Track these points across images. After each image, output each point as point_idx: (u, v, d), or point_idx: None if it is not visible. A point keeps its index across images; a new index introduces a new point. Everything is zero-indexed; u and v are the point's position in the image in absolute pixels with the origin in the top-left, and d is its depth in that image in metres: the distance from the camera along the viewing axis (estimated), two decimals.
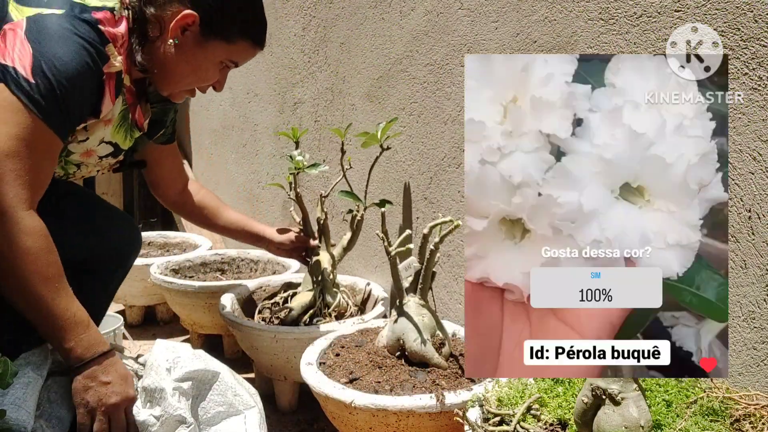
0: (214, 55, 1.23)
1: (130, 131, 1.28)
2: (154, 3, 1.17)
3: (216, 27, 1.20)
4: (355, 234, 1.78)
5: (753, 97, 1.04)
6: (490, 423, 1.01)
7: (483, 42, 1.50)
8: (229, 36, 1.22)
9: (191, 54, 1.21)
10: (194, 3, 1.18)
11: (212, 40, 1.21)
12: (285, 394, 1.73)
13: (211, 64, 1.24)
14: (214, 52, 1.22)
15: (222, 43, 1.22)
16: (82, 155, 1.25)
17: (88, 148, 1.24)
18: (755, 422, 0.94)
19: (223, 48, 1.22)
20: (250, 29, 1.25)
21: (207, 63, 1.23)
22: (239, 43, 1.24)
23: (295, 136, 1.78)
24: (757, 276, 1.06)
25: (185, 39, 1.19)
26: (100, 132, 1.23)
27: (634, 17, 1.19)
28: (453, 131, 1.61)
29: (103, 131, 1.23)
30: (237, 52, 1.25)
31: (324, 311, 1.71)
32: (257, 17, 1.26)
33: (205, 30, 1.19)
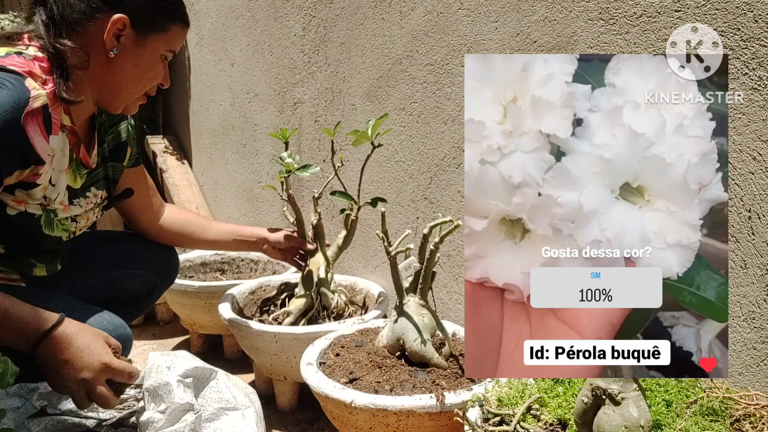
0: (156, 49, 1.20)
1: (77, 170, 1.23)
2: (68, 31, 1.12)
3: (148, 21, 1.16)
4: (350, 233, 1.78)
5: (753, 97, 1.04)
6: (490, 423, 1.01)
7: (483, 42, 1.50)
8: (163, 25, 1.19)
9: (135, 56, 1.17)
10: (114, 5, 1.13)
11: (149, 35, 1.17)
12: (285, 394, 1.73)
13: (156, 59, 1.21)
14: (154, 46, 1.19)
15: (159, 35, 1.19)
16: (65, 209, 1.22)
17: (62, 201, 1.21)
18: (755, 422, 0.94)
19: (161, 39, 1.20)
20: (176, 11, 1.22)
21: (152, 60, 1.20)
22: (173, 29, 1.21)
23: (284, 137, 1.76)
24: (757, 276, 1.06)
25: (123, 45, 1.15)
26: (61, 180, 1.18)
27: (634, 17, 1.19)
28: (453, 131, 1.61)
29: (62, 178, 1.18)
30: (173, 39, 1.22)
31: (322, 313, 1.70)
32: None
33: (139, 28, 1.16)
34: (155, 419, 0.98)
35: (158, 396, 1.00)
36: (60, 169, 1.17)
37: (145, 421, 0.98)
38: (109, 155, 1.36)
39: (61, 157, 1.16)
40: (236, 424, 1.02)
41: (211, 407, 1.04)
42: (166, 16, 1.19)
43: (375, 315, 1.66)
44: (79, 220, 1.28)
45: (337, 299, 1.73)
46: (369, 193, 1.92)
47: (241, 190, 2.72)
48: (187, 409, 0.99)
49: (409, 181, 1.78)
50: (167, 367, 1.03)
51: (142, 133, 3.21)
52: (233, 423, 1.03)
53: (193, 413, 0.99)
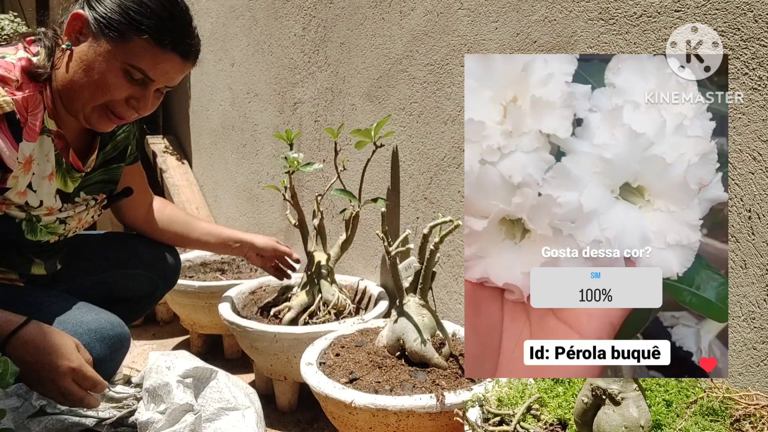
0: (110, 59, 1.07)
1: (67, 176, 1.22)
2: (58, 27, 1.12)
3: (104, 23, 1.07)
4: (352, 232, 1.78)
5: (753, 97, 1.04)
6: (490, 423, 1.01)
7: (483, 42, 1.50)
8: (120, 32, 1.07)
9: (86, 59, 1.08)
10: (87, 4, 1.10)
11: (103, 39, 1.07)
12: (285, 394, 1.73)
13: (110, 70, 1.08)
14: (108, 55, 1.07)
15: (115, 42, 1.07)
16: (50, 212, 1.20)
17: (49, 206, 1.19)
18: (755, 422, 0.94)
19: (117, 49, 1.07)
20: (147, 22, 1.07)
21: (104, 68, 1.08)
22: (136, 42, 1.07)
23: (289, 139, 1.80)
24: (757, 276, 1.06)
25: (80, 45, 1.09)
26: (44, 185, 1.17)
27: (634, 17, 1.19)
28: (453, 131, 1.61)
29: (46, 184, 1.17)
30: (135, 53, 1.08)
31: (323, 309, 1.71)
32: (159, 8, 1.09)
33: (96, 29, 1.07)
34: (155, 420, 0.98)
35: (158, 396, 1.00)
36: (42, 175, 1.15)
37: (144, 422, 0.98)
38: (114, 158, 1.36)
39: (44, 162, 1.14)
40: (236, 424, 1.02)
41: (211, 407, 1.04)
42: (130, 23, 1.07)
43: (375, 315, 1.66)
44: (69, 222, 1.27)
45: (338, 295, 1.73)
46: (369, 193, 1.92)
47: (241, 190, 2.72)
48: (187, 409, 0.99)
49: (409, 181, 1.78)
50: (167, 367, 1.03)
51: (142, 133, 3.21)
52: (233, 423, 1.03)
53: (193, 414, 0.99)
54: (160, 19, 1.09)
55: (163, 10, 1.10)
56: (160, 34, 1.09)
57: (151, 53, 1.09)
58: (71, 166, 1.22)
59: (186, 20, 1.14)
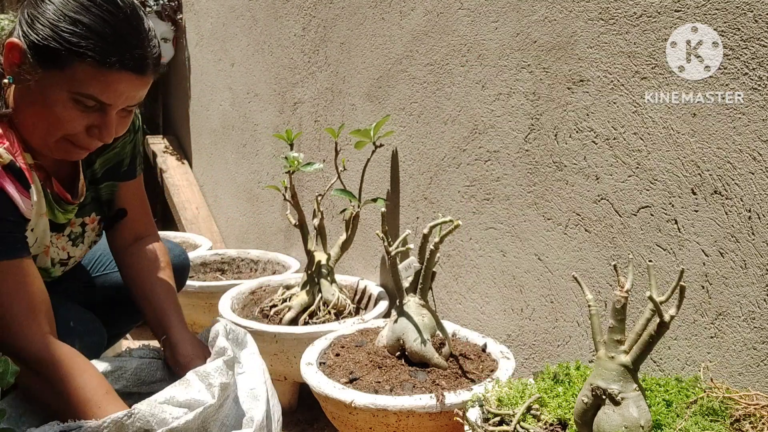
0: (54, 92, 0.96)
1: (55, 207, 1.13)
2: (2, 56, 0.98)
3: (41, 53, 0.94)
4: (352, 232, 1.79)
5: (753, 97, 1.04)
6: (490, 423, 1.01)
7: (483, 42, 1.50)
8: (58, 60, 0.94)
9: (31, 93, 0.97)
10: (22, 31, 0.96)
11: (44, 71, 0.95)
12: (285, 394, 1.73)
13: (58, 102, 0.96)
14: (52, 88, 0.95)
15: (55, 71, 0.95)
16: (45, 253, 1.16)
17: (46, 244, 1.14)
18: (755, 422, 0.94)
19: (60, 79, 0.95)
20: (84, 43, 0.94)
21: (51, 101, 0.96)
22: (76, 67, 0.94)
23: (289, 139, 1.80)
24: (757, 276, 1.06)
25: (23, 79, 0.97)
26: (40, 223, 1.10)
27: (634, 17, 1.19)
28: (453, 131, 1.61)
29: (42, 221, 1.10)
30: (78, 80, 0.95)
31: (323, 309, 1.71)
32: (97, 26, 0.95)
33: (33, 59, 0.95)
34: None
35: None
36: (40, 213, 1.08)
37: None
38: (103, 176, 1.24)
39: (40, 201, 1.07)
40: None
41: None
42: (67, 49, 0.93)
43: (375, 315, 1.66)
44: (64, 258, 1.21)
45: (338, 295, 1.74)
46: (369, 193, 1.92)
47: (241, 190, 2.72)
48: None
49: (409, 181, 1.78)
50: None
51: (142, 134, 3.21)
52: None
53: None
54: (101, 37, 0.95)
55: (103, 25, 0.95)
56: (103, 54, 0.94)
57: (97, 77, 0.95)
58: (59, 196, 1.13)
59: (133, 30, 0.98)
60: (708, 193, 1.11)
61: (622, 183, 1.24)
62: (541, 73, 1.37)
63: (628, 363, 0.86)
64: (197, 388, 0.98)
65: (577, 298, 1.36)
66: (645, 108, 1.19)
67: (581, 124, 1.30)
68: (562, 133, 1.34)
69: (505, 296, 1.52)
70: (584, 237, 1.32)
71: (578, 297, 1.36)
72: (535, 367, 1.47)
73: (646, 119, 1.19)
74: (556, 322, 1.40)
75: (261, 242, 2.57)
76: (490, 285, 1.56)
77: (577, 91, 1.30)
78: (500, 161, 1.49)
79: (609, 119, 1.25)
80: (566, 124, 1.33)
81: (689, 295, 1.15)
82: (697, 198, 1.13)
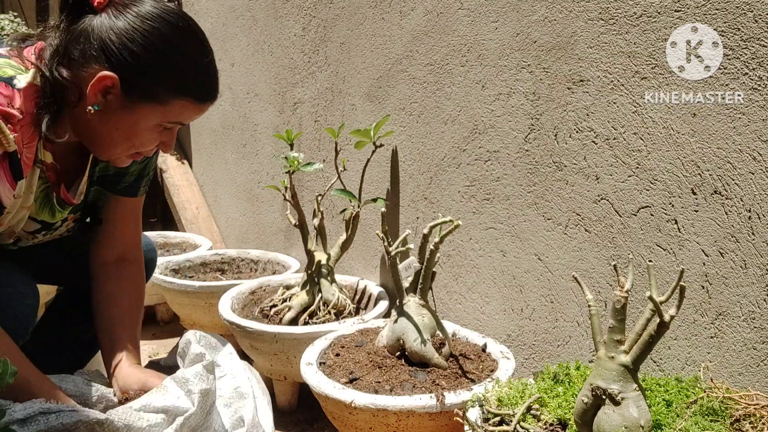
0: (147, 120, 1.04)
1: (56, 209, 1.16)
2: (68, 65, 1.01)
3: (140, 88, 1.01)
4: (352, 232, 1.79)
5: (753, 97, 1.04)
6: (490, 423, 1.01)
7: (483, 42, 1.50)
8: (158, 96, 1.02)
9: (120, 120, 1.03)
10: (112, 62, 0.99)
11: (140, 102, 1.02)
12: (285, 394, 1.73)
13: (145, 129, 1.05)
14: (145, 117, 1.03)
15: (152, 104, 1.02)
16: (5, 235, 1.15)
17: (10, 228, 1.13)
18: (755, 422, 0.94)
19: (154, 110, 1.03)
20: (186, 85, 1.04)
21: (139, 128, 1.04)
22: (174, 103, 1.04)
23: (289, 139, 1.81)
24: (757, 276, 1.06)
25: (109, 104, 1.01)
26: (19, 214, 1.11)
27: (634, 17, 1.19)
28: (453, 131, 1.61)
29: (22, 213, 1.11)
30: (174, 113, 1.05)
31: (323, 309, 1.71)
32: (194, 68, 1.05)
33: (128, 93, 1.00)
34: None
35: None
36: (24, 206, 1.09)
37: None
38: (98, 180, 1.25)
39: (28, 195, 1.08)
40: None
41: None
42: (168, 88, 1.02)
43: (375, 315, 1.66)
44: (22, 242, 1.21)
45: (338, 295, 1.74)
46: (369, 193, 1.92)
47: (241, 190, 2.72)
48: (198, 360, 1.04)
49: (409, 181, 1.78)
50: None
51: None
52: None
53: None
54: (200, 82, 1.06)
55: (203, 73, 1.06)
56: (200, 94, 1.07)
57: (191, 110, 1.07)
58: (63, 201, 1.16)
59: (215, 70, 1.10)
60: (708, 193, 1.11)
61: (622, 183, 1.24)
62: (541, 73, 1.37)
63: (628, 363, 0.86)
64: (175, 395, 0.95)
65: (577, 298, 1.36)
66: (645, 108, 1.19)
67: (581, 124, 1.30)
68: (562, 133, 1.34)
69: (505, 296, 1.52)
70: (584, 237, 1.32)
71: (578, 297, 1.36)
72: (535, 367, 1.47)
73: (646, 119, 1.19)
74: (556, 322, 1.40)
75: (261, 242, 2.57)
76: (490, 285, 1.56)
77: (577, 91, 1.30)
78: (500, 161, 1.49)
79: (609, 119, 1.25)
80: (566, 124, 1.33)
81: (689, 295, 1.15)
82: (697, 198, 1.13)
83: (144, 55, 0.99)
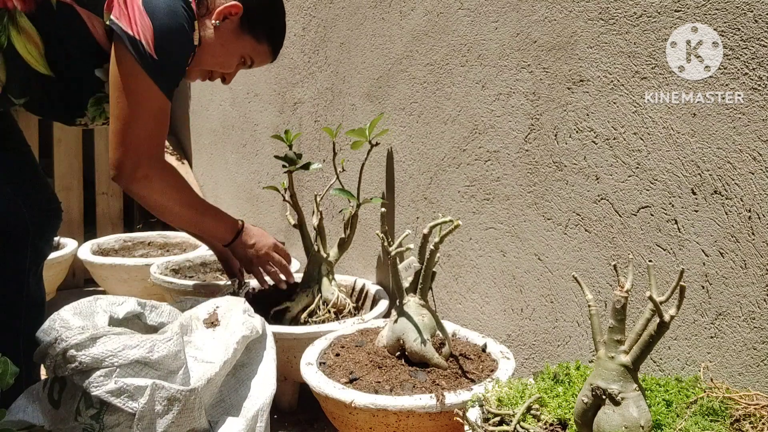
0: (243, 48, 1.37)
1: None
2: None
3: (253, 24, 1.35)
4: (351, 231, 1.79)
5: (753, 97, 1.04)
6: (490, 423, 1.01)
7: (483, 42, 1.50)
8: (259, 36, 1.38)
9: (226, 40, 1.34)
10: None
11: (246, 34, 1.36)
12: (285, 394, 1.73)
13: (237, 55, 1.38)
14: (243, 45, 1.37)
15: (252, 40, 1.37)
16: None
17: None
18: (755, 422, 0.94)
19: (251, 44, 1.38)
20: (277, 37, 1.43)
21: (234, 53, 1.37)
22: (264, 46, 1.40)
23: (288, 140, 1.81)
24: (757, 276, 1.06)
25: (224, 25, 1.32)
26: None
27: (634, 17, 1.19)
28: (453, 131, 1.61)
29: None
30: (259, 53, 1.41)
31: (322, 308, 1.71)
32: (283, 30, 1.44)
33: (243, 23, 1.34)
34: None
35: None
36: None
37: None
38: None
39: None
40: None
41: None
42: (268, 33, 1.40)
43: (375, 315, 1.66)
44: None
45: (338, 295, 1.74)
46: (369, 192, 1.93)
47: (241, 191, 2.72)
48: None
49: (408, 181, 1.78)
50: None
51: None
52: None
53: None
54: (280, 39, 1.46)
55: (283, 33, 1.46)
56: (277, 48, 1.46)
57: (268, 57, 1.45)
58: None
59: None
60: (708, 193, 1.11)
61: (622, 183, 1.24)
62: (541, 73, 1.37)
63: (628, 363, 0.86)
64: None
65: (577, 298, 1.36)
66: (645, 108, 1.19)
67: (581, 124, 1.30)
68: (562, 133, 1.34)
69: (505, 296, 1.52)
70: (584, 237, 1.32)
71: (578, 297, 1.36)
72: (535, 367, 1.46)
73: (646, 119, 1.19)
74: (556, 322, 1.40)
75: None
76: (490, 285, 1.56)
77: (577, 91, 1.30)
78: (500, 161, 1.49)
79: (609, 119, 1.25)
80: (566, 124, 1.33)
81: (689, 295, 1.15)
82: (697, 198, 1.13)
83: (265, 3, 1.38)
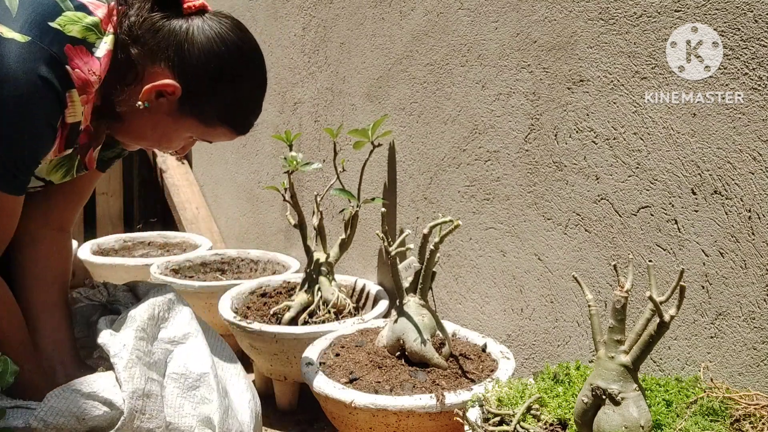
0: (185, 130, 1.08)
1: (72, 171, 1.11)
2: (142, 44, 1.00)
3: (196, 106, 1.04)
4: (351, 231, 1.79)
5: (753, 97, 1.04)
6: (490, 423, 1.01)
7: (483, 42, 1.50)
8: (207, 118, 1.06)
9: (161, 122, 1.05)
10: (180, 72, 1.01)
11: (188, 116, 1.05)
12: (285, 394, 1.73)
13: (179, 137, 1.09)
14: (186, 128, 1.07)
15: (197, 122, 1.06)
16: None
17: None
18: (755, 422, 0.94)
19: (197, 127, 1.07)
20: (234, 116, 1.09)
21: (175, 135, 1.08)
22: (217, 128, 1.08)
23: (288, 140, 1.81)
24: (757, 276, 1.06)
25: (158, 105, 1.03)
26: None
27: (634, 17, 1.19)
28: (453, 131, 1.61)
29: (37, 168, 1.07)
30: (213, 134, 1.10)
31: (322, 308, 1.71)
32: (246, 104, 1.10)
33: (183, 105, 1.03)
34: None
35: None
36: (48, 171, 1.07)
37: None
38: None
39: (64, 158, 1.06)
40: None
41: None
42: (219, 114, 1.07)
43: (375, 315, 1.66)
44: None
45: (338, 295, 1.74)
46: (369, 192, 1.92)
47: (241, 190, 2.72)
48: None
49: (408, 181, 1.78)
50: None
51: None
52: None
53: None
54: (247, 117, 1.11)
55: (252, 109, 1.11)
56: (242, 128, 1.11)
57: (226, 136, 1.12)
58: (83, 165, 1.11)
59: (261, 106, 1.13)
60: (708, 193, 1.11)
61: (622, 183, 1.24)
62: (541, 73, 1.37)
63: (628, 363, 0.86)
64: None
65: (577, 298, 1.36)
66: (645, 108, 1.19)
67: (581, 124, 1.30)
68: (562, 133, 1.34)
69: (505, 296, 1.52)
70: (584, 237, 1.32)
71: (578, 297, 1.36)
72: (535, 367, 1.46)
73: (646, 119, 1.19)
74: (556, 322, 1.40)
75: (261, 242, 2.57)
76: (490, 285, 1.56)
77: (577, 91, 1.30)
78: (500, 161, 1.49)
79: (609, 119, 1.25)
80: (566, 124, 1.33)
81: (689, 295, 1.15)
82: (697, 198, 1.13)
83: (212, 78, 1.02)
